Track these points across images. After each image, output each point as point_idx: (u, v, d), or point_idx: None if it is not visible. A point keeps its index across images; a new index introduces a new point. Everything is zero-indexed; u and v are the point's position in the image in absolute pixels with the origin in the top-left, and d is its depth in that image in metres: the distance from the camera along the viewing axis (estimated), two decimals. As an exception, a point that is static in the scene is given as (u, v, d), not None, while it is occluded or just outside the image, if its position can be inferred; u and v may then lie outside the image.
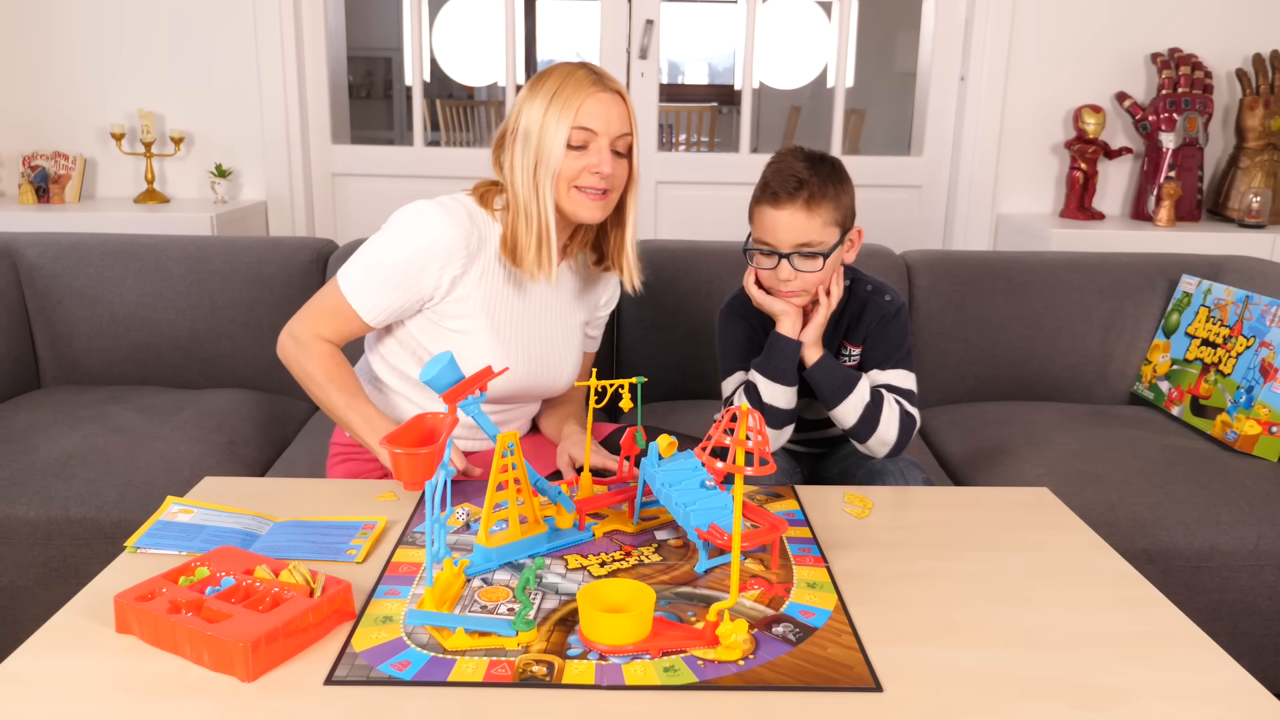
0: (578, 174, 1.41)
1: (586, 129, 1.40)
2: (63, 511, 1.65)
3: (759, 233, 1.51)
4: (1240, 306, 1.96)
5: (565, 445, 1.50)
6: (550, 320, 1.54)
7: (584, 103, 1.39)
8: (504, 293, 1.48)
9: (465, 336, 1.46)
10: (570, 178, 1.41)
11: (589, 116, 1.40)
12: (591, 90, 1.40)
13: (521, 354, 1.50)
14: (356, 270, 1.44)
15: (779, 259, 1.49)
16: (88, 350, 2.16)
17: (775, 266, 1.50)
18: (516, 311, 1.50)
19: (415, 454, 0.96)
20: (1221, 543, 1.68)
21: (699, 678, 0.92)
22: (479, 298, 1.46)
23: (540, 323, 1.53)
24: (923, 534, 1.25)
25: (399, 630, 0.99)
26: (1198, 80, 2.90)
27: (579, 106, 1.39)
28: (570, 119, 1.39)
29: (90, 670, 0.92)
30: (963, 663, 0.96)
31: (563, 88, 1.40)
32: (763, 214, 1.50)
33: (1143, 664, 0.96)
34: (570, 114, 1.39)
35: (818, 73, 5.81)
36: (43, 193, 2.90)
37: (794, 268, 1.49)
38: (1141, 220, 3.01)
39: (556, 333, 1.55)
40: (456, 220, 1.42)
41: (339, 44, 3.22)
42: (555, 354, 1.55)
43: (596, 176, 1.41)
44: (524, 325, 1.51)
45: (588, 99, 1.39)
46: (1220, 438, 1.90)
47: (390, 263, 1.42)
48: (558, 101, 1.39)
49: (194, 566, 1.05)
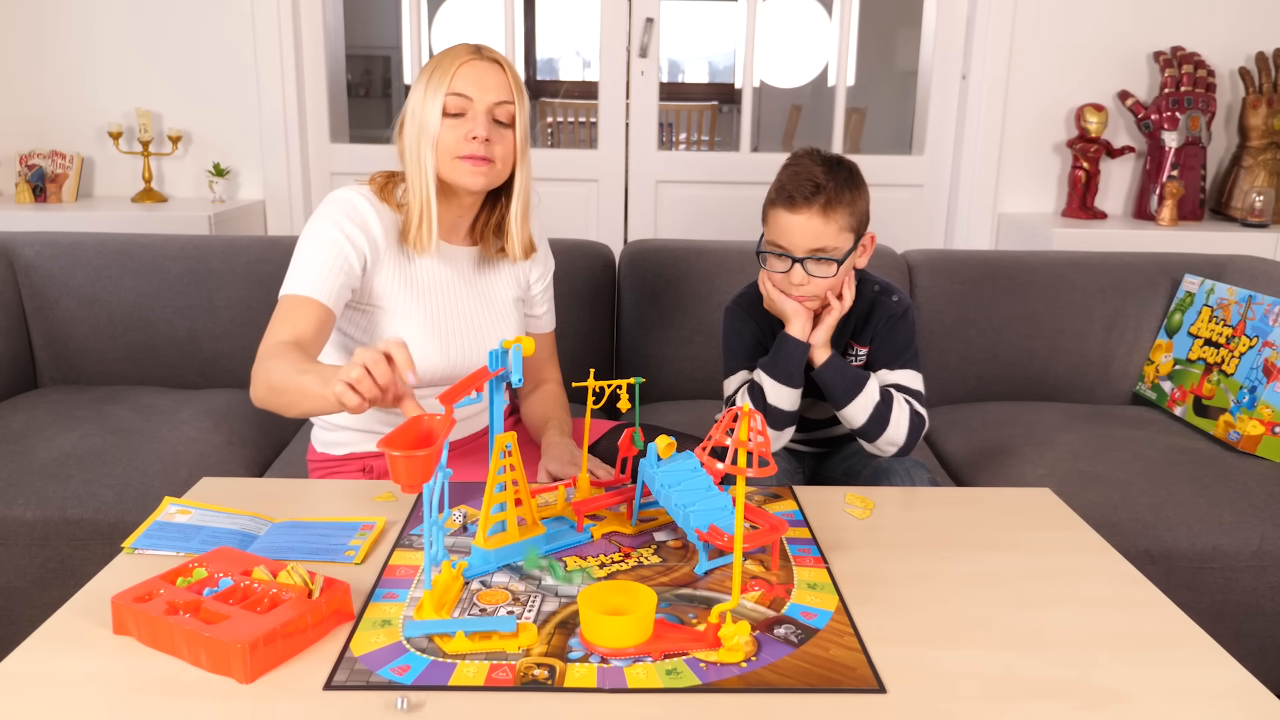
0: (457, 142, 1.41)
1: (460, 94, 1.41)
2: (60, 512, 1.65)
3: (773, 235, 1.51)
4: (1243, 306, 1.95)
5: (545, 460, 1.46)
6: (473, 295, 1.54)
7: (458, 70, 1.41)
8: (418, 273, 1.49)
9: (394, 317, 1.47)
10: (450, 148, 1.42)
11: (462, 83, 1.41)
12: (467, 58, 1.42)
13: (449, 332, 1.50)
14: (295, 268, 1.42)
15: (792, 263, 1.48)
16: (85, 350, 2.15)
17: (788, 270, 1.49)
18: (436, 290, 1.50)
19: (413, 456, 0.95)
20: (1224, 543, 1.67)
21: (701, 680, 0.91)
22: (397, 277, 1.47)
23: (463, 298, 1.53)
24: (924, 535, 1.24)
25: (398, 634, 0.98)
26: (1200, 79, 2.89)
27: (452, 73, 1.41)
28: (444, 86, 1.41)
29: (87, 672, 0.91)
30: (965, 663, 0.95)
31: (441, 61, 1.42)
32: (777, 217, 1.49)
33: (1145, 665, 0.96)
34: (444, 81, 1.41)
35: (818, 71, 5.80)
36: (40, 192, 2.89)
37: (807, 272, 1.48)
38: (1144, 220, 3.01)
39: (484, 307, 1.55)
40: (360, 198, 1.45)
41: (337, 42, 3.22)
42: (485, 332, 1.54)
43: (475, 143, 1.40)
44: (447, 302, 1.51)
45: (462, 66, 1.41)
46: (1223, 438, 1.90)
47: (315, 241, 1.42)
48: (436, 73, 1.42)
49: (192, 567, 1.04)
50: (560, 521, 1.23)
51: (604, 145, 3.16)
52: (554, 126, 5.13)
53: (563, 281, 2.11)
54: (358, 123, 3.65)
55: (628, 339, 2.17)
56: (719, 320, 1.69)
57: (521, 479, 1.15)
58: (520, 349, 1.14)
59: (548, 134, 5.18)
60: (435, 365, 1.49)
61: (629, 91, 3.14)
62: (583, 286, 2.13)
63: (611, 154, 3.16)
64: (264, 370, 1.33)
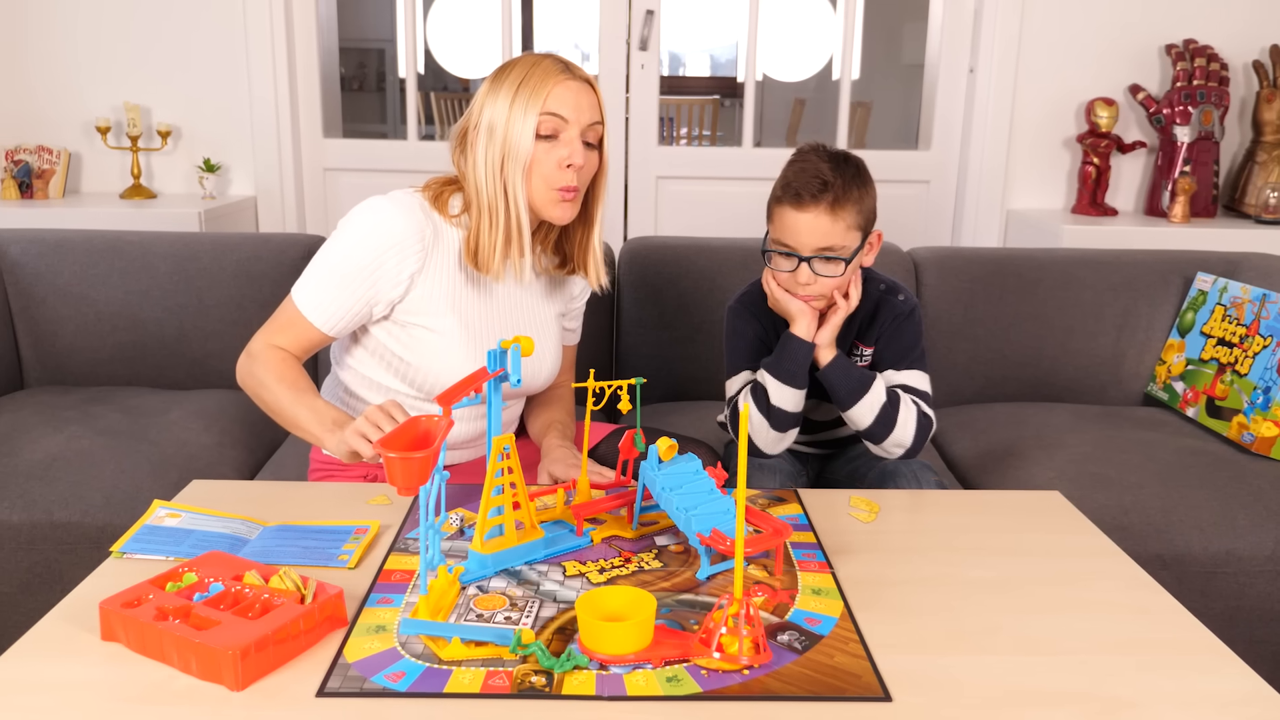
0: (552, 171, 1.36)
1: (556, 115, 1.35)
2: (46, 515, 1.63)
3: (778, 234, 1.49)
4: (1257, 305, 1.93)
5: (546, 463, 1.45)
6: (521, 315, 1.50)
7: (553, 89, 1.35)
8: (468, 290, 1.44)
9: (434, 335, 1.42)
10: (546, 176, 1.36)
11: (559, 103, 1.35)
12: (560, 77, 1.36)
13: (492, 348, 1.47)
14: (310, 278, 1.40)
15: (799, 262, 1.46)
16: (72, 350, 2.13)
17: (794, 269, 1.47)
18: (484, 308, 1.46)
19: (410, 458, 0.94)
20: (1238, 547, 1.66)
21: (702, 687, 0.90)
22: (442, 295, 1.42)
23: (511, 318, 1.49)
24: (931, 538, 1.23)
25: (392, 640, 0.97)
26: (1213, 72, 2.86)
27: (548, 93, 1.34)
28: (539, 105, 1.34)
29: (75, 679, 0.91)
30: (972, 670, 0.94)
31: (530, 76, 1.35)
32: (784, 215, 1.47)
33: (1157, 672, 0.95)
34: (539, 101, 1.34)
35: (823, 64, 5.77)
36: (26, 188, 2.86)
37: (814, 271, 1.46)
38: (1155, 216, 2.97)
39: (529, 328, 1.51)
40: (409, 213, 1.38)
41: (330, 35, 3.19)
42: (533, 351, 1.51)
43: (570, 171, 1.36)
44: (493, 322, 1.47)
45: (557, 85, 1.35)
46: (1236, 440, 1.88)
47: (345, 266, 1.37)
48: (525, 90, 1.34)
49: (181, 572, 1.03)
50: (559, 525, 1.22)
51: (604, 140, 3.14)
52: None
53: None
54: (351, 117, 3.63)
55: (628, 339, 2.16)
56: (721, 320, 1.67)
57: (520, 481, 1.13)
58: (519, 349, 1.13)
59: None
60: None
61: (629, 85, 3.11)
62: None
63: (611, 149, 3.12)
64: (257, 373, 1.39)
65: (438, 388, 1.43)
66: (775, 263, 1.50)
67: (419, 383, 1.45)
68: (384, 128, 6.62)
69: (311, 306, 1.39)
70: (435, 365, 1.43)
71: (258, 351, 1.40)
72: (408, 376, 1.45)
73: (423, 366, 1.43)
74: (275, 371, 1.38)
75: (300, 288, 1.41)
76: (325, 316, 1.39)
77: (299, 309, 1.40)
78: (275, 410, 1.38)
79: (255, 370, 1.39)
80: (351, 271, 1.37)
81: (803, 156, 1.49)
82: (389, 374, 1.46)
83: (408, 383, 1.46)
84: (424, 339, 1.42)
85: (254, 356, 1.40)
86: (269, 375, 1.38)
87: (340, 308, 1.39)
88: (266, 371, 1.38)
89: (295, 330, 1.41)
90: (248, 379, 1.41)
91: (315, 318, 1.39)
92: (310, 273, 1.40)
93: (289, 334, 1.41)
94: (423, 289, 1.40)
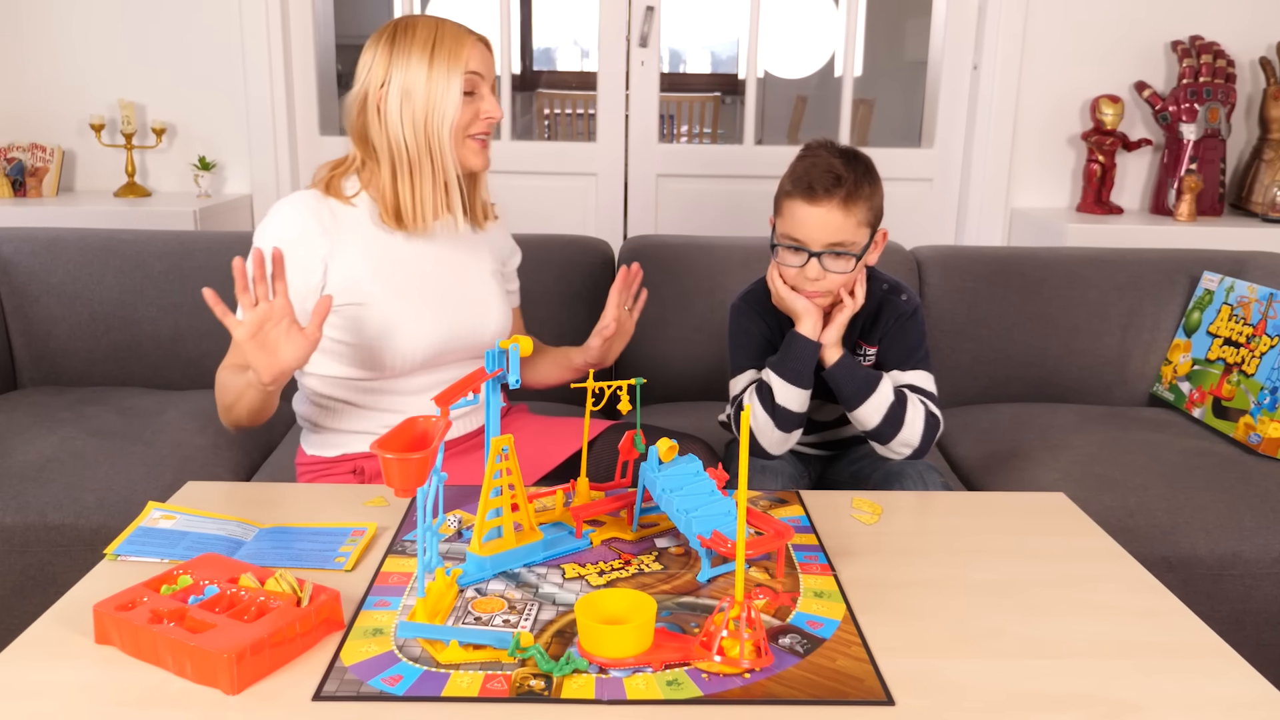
0: (469, 122, 1.45)
1: (476, 73, 1.44)
2: (40, 518, 1.62)
3: (788, 228, 1.48)
4: (1264, 304, 1.93)
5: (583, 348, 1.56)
6: (452, 269, 1.53)
7: (469, 50, 1.44)
8: (389, 258, 1.47)
9: (366, 310, 1.44)
10: (464, 126, 1.45)
11: (477, 62, 1.44)
12: (471, 38, 1.45)
13: (433, 307, 1.48)
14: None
15: (809, 257, 1.46)
16: (66, 350, 2.13)
17: (804, 265, 1.47)
18: (411, 271, 1.49)
19: (407, 459, 0.93)
20: (1245, 550, 1.65)
21: (703, 691, 0.90)
22: (362, 269, 1.45)
23: (442, 273, 1.51)
24: (934, 540, 1.23)
25: (390, 643, 0.97)
26: (1220, 69, 2.85)
27: (467, 54, 1.43)
28: (462, 65, 1.42)
29: (68, 682, 0.90)
30: (976, 674, 0.94)
31: (441, 38, 1.43)
32: (795, 209, 1.46)
33: (1163, 676, 0.94)
34: (461, 61, 1.42)
35: (825, 61, 5.76)
36: (19, 186, 2.85)
37: (824, 267, 1.46)
38: (1161, 215, 2.96)
39: (466, 279, 1.54)
40: (301, 205, 1.45)
41: (327, 32, 3.18)
42: (471, 300, 1.53)
43: (487, 122, 1.46)
44: (424, 281, 1.49)
45: (472, 46, 1.44)
46: (1243, 441, 1.87)
47: None
48: (442, 51, 1.42)
49: (176, 574, 1.03)
50: (559, 527, 1.21)
51: (603, 138, 3.13)
52: (551, 118, 5.10)
53: (561, 279, 2.10)
54: (348, 115, 3.61)
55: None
56: (723, 319, 1.67)
57: (518, 483, 1.12)
58: (518, 348, 1.12)
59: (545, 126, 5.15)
60: (431, 341, 1.47)
61: (629, 82, 3.10)
62: (581, 284, 2.11)
63: (611, 147, 3.13)
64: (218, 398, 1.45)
65: (391, 362, 1.46)
66: (784, 258, 1.49)
67: (373, 363, 1.46)
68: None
69: None
70: (378, 339, 1.45)
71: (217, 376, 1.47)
72: (360, 360, 1.47)
73: (367, 345, 1.45)
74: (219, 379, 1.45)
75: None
76: None
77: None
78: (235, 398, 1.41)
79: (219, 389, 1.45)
80: None
81: (812, 152, 1.49)
82: (343, 365, 1.48)
83: (363, 366, 1.47)
84: (359, 316, 1.44)
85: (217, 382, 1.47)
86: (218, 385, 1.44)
87: None
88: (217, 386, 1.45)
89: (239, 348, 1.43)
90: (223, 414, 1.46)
91: None
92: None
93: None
94: (339, 269, 1.44)
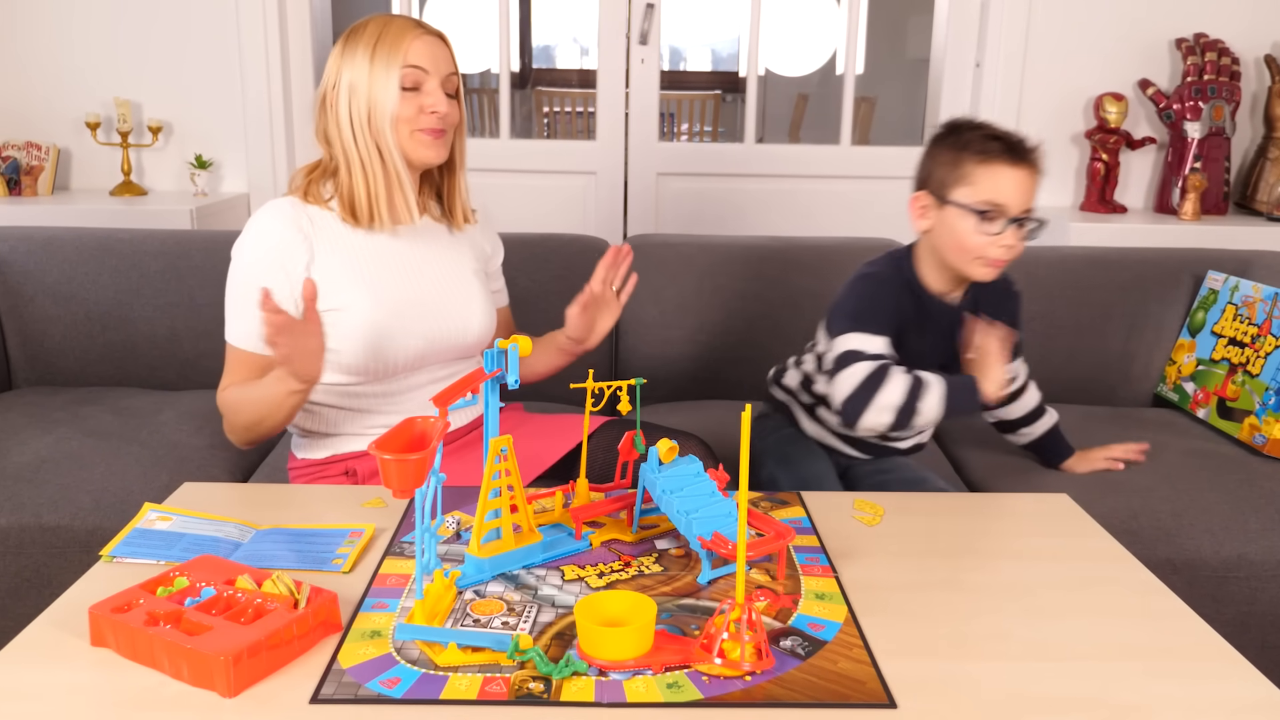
0: (414, 115, 1.43)
1: (417, 67, 1.43)
2: (35, 519, 1.62)
3: (989, 194, 1.46)
4: (1269, 304, 1.93)
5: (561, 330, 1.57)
6: (430, 267, 1.53)
7: (411, 44, 1.42)
8: (368, 260, 1.47)
9: (346, 314, 1.44)
10: (408, 120, 1.43)
11: (418, 56, 1.43)
12: (416, 32, 1.44)
13: (415, 308, 1.48)
14: (230, 314, 1.47)
15: (1007, 224, 1.46)
16: (61, 350, 2.12)
17: (1001, 232, 1.46)
18: (390, 271, 1.49)
19: (405, 460, 0.93)
20: (1250, 552, 1.65)
21: (703, 694, 0.90)
22: (341, 273, 1.45)
23: (421, 272, 1.51)
24: (936, 542, 1.23)
25: (387, 645, 0.96)
26: (1224, 67, 2.84)
27: (407, 48, 1.42)
28: (400, 60, 1.41)
29: (64, 684, 0.90)
30: (979, 677, 0.94)
31: (385, 34, 1.43)
32: (998, 173, 1.45)
33: (1167, 678, 0.94)
34: (399, 56, 1.41)
35: (826, 59, 5.77)
36: (14, 184, 2.85)
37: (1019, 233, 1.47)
38: (1165, 213, 2.95)
39: (446, 278, 1.54)
40: (279, 214, 1.44)
41: (324, 29, 3.18)
42: (452, 300, 1.53)
43: (434, 116, 1.44)
44: (406, 279, 1.49)
45: (414, 40, 1.43)
46: (1248, 441, 1.87)
47: (246, 285, 1.44)
48: (383, 47, 1.42)
49: (173, 576, 1.03)
50: (558, 529, 1.21)
51: (602, 136, 3.13)
52: (550, 117, 5.09)
53: (560, 278, 2.09)
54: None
55: (628, 338, 2.15)
56: (722, 319, 1.67)
57: (517, 484, 1.12)
58: (517, 349, 1.12)
59: (544, 124, 5.14)
60: (413, 345, 1.48)
61: (628, 80, 3.10)
62: (580, 282, 2.08)
63: (610, 145, 3.13)
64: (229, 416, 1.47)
65: (375, 366, 1.46)
66: (980, 226, 1.46)
67: (358, 367, 1.46)
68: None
69: (241, 336, 1.46)
70: (359, 342, 1.45)
71: (220, 402, 1.48)
72: (344, 365, 1.46)
73: (349, 349, 1.45)
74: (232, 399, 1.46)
75: (228, 328, 1.48)
76: (244, 335, 1.45)
77: (234, 345, 1.47)
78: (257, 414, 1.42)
79: (226, 416, 1.47)
80: (244, 286, 1.44)
81: (977, 125, 1.49)
82: (330, 371, 1.47)
83: (348, 371, 1.47)
84: (339, 321, 1.44)
85: (221, 409, 1.48)
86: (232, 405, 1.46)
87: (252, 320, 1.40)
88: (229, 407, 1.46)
89: (241, 367, 1.47)
90: (231, 431, 1.49)
91: (249, 344, 1.45)
92: (228, 310, 1.48)
93: (238, 373, 1.47)
94: (319, 275, 1.44)
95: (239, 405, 1.44)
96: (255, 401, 1.41)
